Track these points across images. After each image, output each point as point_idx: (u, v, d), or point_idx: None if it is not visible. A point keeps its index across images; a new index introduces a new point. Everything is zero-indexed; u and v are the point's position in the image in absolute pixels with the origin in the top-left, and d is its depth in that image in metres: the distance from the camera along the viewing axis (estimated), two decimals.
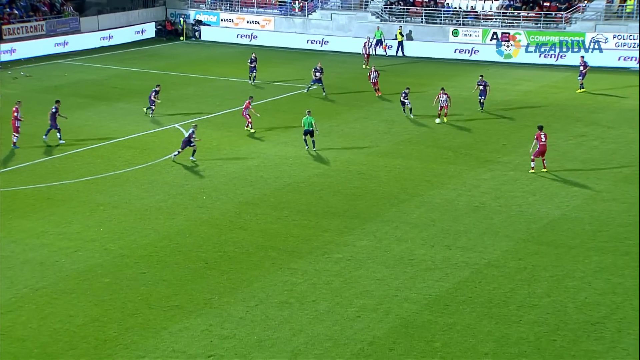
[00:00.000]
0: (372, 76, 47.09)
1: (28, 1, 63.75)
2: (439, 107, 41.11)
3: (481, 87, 43.17)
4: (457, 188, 31.85)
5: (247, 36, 66.12)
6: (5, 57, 56.88)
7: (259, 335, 20.79)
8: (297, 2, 66.72)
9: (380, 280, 23.89)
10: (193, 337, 20.71)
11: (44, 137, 37.45)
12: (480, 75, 44.36)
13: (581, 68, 47.78)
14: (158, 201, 30.22)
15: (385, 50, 60.62)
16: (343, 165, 34.57)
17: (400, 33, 60.82)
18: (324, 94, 46.79)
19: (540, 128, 33.33)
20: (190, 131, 34.78)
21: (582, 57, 50.19)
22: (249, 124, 39.08)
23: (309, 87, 47.75)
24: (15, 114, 36.66)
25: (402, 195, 31.07)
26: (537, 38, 58.38)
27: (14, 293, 22.90)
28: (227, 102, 45.49)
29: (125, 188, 31.67)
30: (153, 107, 42.14)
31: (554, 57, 57.63)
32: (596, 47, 56.83)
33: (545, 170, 33.18)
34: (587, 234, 27.41)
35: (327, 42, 63.62)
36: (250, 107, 39.04)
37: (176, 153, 34.51)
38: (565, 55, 57.26)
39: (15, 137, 36.69)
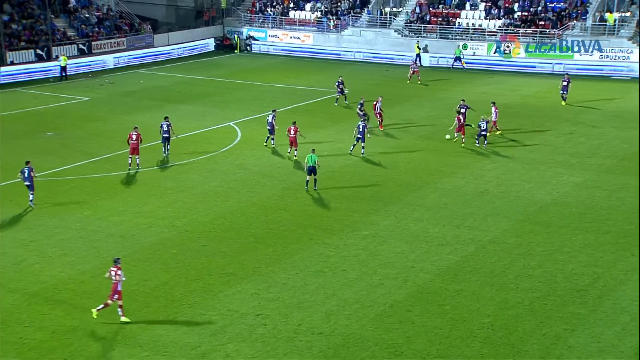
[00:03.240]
0: (377, 106, 39.33)
1: (112, 22, 64.28)
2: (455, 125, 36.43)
3: (462, 110, 37.72)
4: (466, 177, 31.59)
5: (290, 49, 65.98)
6: (95, 68, 57.46)
7: (298, 298, 20.85)
8: (332, 20, 66.43)
9: (400, 254, 23.80)
10: (244, 299, 20.82)
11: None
12: (462, 100, 39.52)
13: (564, 83, 45.40)
14: (215, 186, 30.36)
15: (463, 66, 58.17)
16: (369, 158, 34.43)
17: (418, 47, 60.23)
18: (345, 102, 45.68)
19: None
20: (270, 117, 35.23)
21: (567, 74, 48.91)
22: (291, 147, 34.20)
23: (337, 98, 45.61)
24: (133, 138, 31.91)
25: (418, 183, 30.89)
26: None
27: (100, 261, 23.20)
28: (273, 104, 45.43)
29: (189, 175, 31.86)
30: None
31: (549, 67, 56.74)
32: (583, 58, 55.98)
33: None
34: (574, 215, 27.06)
35: (356, 54, 63.27)
36: (298, 130, 33.60)
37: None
38: (555, 66, 56.38)
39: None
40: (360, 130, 33.86)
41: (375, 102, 39.59)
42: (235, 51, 67.55)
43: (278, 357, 17.95)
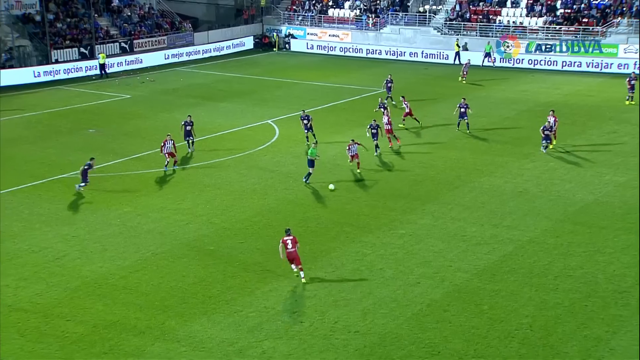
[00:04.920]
0: (385, 121, 35.22)
1: (154, 20, 65.07)
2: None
3: (462, 110, 37.50)
4: (504, 176, 31.20)
5: (329, 47, 65.96)
6: (135, 66, 58.23)
7: (335, 296, 20.82)
8: (370, 18, 66.20)
9: (437, 253, 23.61)
10: (281, 296, 20.87)
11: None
12: (463, 98, 38.50)
13: (632, 82, 43.86)
14: (253, 184, 30.50)
15: (493, 63, 57.42)
16: (407, 156, 34.24)
17: (457, 44, 59.70)
18: (392, 102, 45.21)
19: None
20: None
21: (634, 72, 47.53)
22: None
23: (389, 96, 44.68)
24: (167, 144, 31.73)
25: (456, 182, 30.61)
26: (576, 49, 56.58)
27: (139, 256, 23.50)
28: (311, 102, 45.54)
29: (226, 172, 32.07)
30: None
31: (591, 65, 55.69)
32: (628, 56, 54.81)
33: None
34: (617, 216, 26.51)
35: (395, 52, 62.96)
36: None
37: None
38: (599, 64, 55.30)
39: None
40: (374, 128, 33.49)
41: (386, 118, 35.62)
42: (274, 49, 67.75)
43: (314, 355, 17.95)
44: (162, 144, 31.79)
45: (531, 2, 61.53)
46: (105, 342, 18.52)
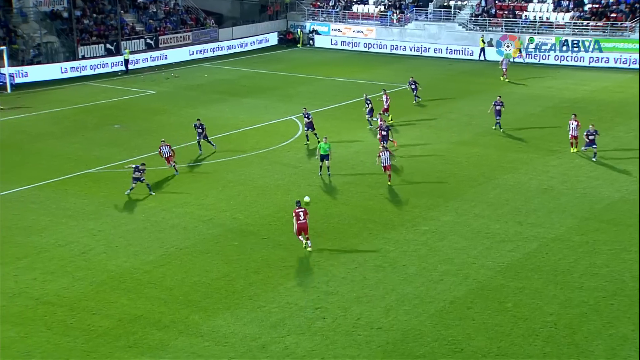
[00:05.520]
0: (381, 129, 33.19)
1: (179, 16, 65.43)
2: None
3: (497, 107, 36.76)
4: (528, 173, 30.92)
5: (353, 43, 65.81)
6: (160, 62, 58.57)
7: (357, 292, 20.80)
8: (395, 14, 65.93)
9: (460, 250, 23.48)
10: (304, 292, 20.90)
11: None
12: (498, 96, 37.81)
13: None
14: (276, 180, 30.55)
15: (523, 59, 56.85)
16: (430, 152, 34.07)
17: (483, 40, 59.24)
18: (419, 99, 44.73)
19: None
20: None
21: None
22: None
23: (416, 96, 43.69)
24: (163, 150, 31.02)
25: (480, 179, 30.40)
26: (603, 45, 55.83)
27: (164, 251, 23.67)
28: (334, 98, 45.51)
29: (250, 168, 32.15)
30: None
31: (619, 61, 54.94)
32: None
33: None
34: None
35: (419, 48, 62.63)
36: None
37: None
38: (627, 60, 54.53)
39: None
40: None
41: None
42: (298, 45, 67.73)
43: (337, 351, 17.95)
44: (159, 150, 30.93)
45: None
46: (130, 336, 18.69)
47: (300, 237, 23.34)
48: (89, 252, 23.70)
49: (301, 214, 23.15)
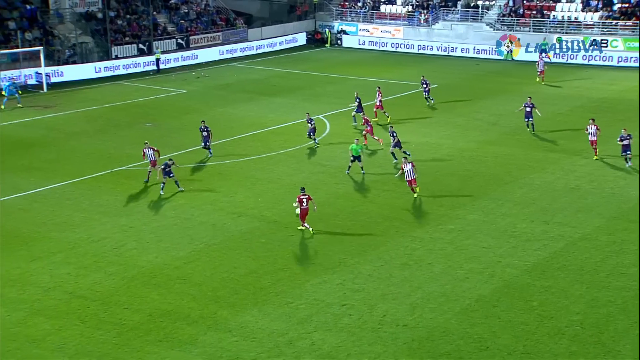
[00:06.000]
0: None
1: (209, 17, 65.86)
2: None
3: (528, 109, 35.93)
4: (555, 172, 30.62)
5: (380, 43, 65.66)
6: (191, 62, 58.98)
7: (383, 290, 20.80)
8: (422, 14, 65.65)
9: (487, 249, 23.35)
10: (330, 289, 20.95)
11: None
12: (529, 97, 36.99)
13: None
14: (304, 178, 30.60)
15: (549, 58, 55.10)
16: (457, 152, 33.90)
17: (510, 40, 58.76)
18: (432, 101, 43.51)
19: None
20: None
21: None
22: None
23: (428, 98, 43.16)
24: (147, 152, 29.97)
25: (506, 178, 30.17)
26: (633, 44, 54.99)
27: (193, 247, 23.87)
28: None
29: (278, 166, 32.27)
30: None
31: None
32: None
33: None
34: None
35: (447, 48, 62.27)
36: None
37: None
38: None
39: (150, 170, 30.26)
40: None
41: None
42: (326, 45, 67.74)
43: (363, 347, 17.98)
44: (143, 153, 29.96)
45: None
46: (160, 330, 18.90)
47: (305, 224, 24.37)
48: (121, 247, 24.01)
49: (304, 200, 24.26)
